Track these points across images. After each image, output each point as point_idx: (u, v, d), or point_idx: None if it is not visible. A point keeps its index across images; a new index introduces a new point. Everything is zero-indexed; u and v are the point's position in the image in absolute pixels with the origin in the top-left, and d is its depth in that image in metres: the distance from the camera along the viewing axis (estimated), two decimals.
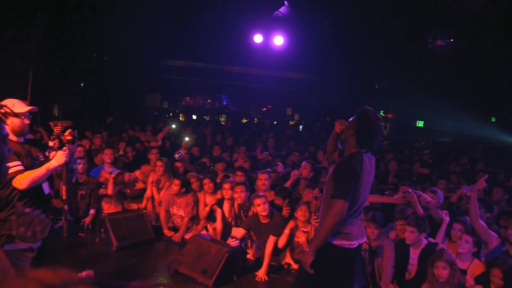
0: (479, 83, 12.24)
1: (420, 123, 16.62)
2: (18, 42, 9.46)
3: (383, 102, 16.69)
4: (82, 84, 14.48)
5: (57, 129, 3.48)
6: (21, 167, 3.15)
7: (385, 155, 9.23)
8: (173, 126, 9.17)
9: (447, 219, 4.68)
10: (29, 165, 3.25)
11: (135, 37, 12.78)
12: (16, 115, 3.24)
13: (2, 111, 3.27)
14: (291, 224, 5.20)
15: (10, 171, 3.05)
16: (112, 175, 6.55)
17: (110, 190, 6.46)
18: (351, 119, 3.27)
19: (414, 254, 4.48)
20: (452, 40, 8.99)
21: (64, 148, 3.38)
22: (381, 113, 17.42)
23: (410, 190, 5.05)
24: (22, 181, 3.12)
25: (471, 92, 12.78)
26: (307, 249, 3.14)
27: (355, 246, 3.17)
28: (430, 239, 4.56)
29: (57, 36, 10.53)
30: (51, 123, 3.55)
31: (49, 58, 10.60)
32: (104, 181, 6.65)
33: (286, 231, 5.20)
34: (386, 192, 5.92)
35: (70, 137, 3.44)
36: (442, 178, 6.85)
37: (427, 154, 9.91)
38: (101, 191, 6.52)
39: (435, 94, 13.00)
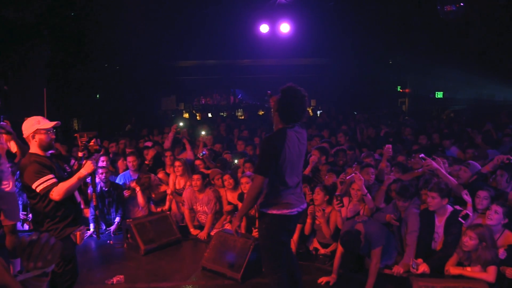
0: (497, 45, 11.73)
1: (439, 94, 16.22)
2: (29, 61, 9.63)
3: (399, 77, 16.33)
4: (98, 96, 14.70)
5: (83, 140, 3.66)
6: (55, 180, 3.33)
7: (402, 130, 9.07)
8: (181, 124, 9.13)
9: (469, 199, 4.41)
10: (61, 177, 3.42)
11: (143, 43, 12.84)
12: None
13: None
14: (309, 209, 5.16)
15: (46, 184, 3.26)
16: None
17: (140, 201, 6.56)
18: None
19: (439, 222, 4.37)
20: (462, 4, 8.66)
21: (92, 157, 3.60)
22: (398, 89, 17.06)
23: (424, 156, 4.97)
24: (58, 192, 3.30)
25: (490, 55, 12.27)
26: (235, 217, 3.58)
27: (295, 213, 3.43)
28: (457, 206, 4.42)
29: (66, 51, 10.66)
30: (77, 135, 3.74)
31: (61, 74, 10.76)
32: (130, 188, 6.71)
33: (308, 220, 5.21)
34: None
35: (96, 147, 3.66)
36: (469, 147, 6.67)
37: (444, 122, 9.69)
38: (126, 192, 6.59)
39: (452, 62, 12.58)
